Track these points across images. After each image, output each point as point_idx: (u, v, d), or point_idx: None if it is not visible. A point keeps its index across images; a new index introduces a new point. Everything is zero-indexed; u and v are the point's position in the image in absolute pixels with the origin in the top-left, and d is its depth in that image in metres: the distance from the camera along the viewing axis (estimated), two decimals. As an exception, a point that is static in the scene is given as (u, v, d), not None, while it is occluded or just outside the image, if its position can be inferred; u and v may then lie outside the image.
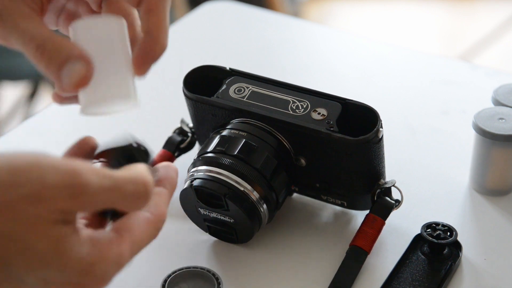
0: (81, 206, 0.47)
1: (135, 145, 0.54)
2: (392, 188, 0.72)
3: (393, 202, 0.72)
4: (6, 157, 0.45)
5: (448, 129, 0.88)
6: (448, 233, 0.70)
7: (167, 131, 0.81)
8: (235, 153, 0.69)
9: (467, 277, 0.70)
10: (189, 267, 0.69)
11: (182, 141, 0.80)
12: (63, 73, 0.53)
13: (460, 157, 0.83)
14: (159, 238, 0.74)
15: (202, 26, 1.10)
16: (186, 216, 0.73)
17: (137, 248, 0.50)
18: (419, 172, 0.82)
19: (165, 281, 0.68)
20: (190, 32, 1.08)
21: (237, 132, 0.71)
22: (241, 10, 1.12)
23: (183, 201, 0.71)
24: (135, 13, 0.59)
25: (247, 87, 0.72)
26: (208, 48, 1.05)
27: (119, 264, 0.49)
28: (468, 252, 0.72)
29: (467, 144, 0.81)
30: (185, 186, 0.70)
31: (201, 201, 0.70)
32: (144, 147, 0.55)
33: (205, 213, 0.71)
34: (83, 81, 0.53)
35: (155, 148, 0.73)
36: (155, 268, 0.71)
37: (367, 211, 0.72)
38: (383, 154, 0.70)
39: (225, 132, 0.71)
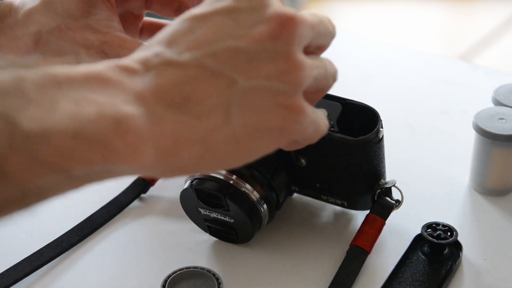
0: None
1: None
2: (392, 188, 0.72)
3: (393, 202, 0.72)
4: None
5: (448, 129, 0.88)
6: (448, 233, 0.70)
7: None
8: (235, 153, 0.69)
9: (468, 277, 0.70)
10: (189, 267, 0.69)
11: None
12: None
13: (460, 157, 0.82)
14: (159, 238, 0.74)
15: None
16: (186, 216, 0.73)
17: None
18: (419, 172, 0.82)
19: (165, 281, 0.68)
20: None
21: (237, 132, 0.70)
22: (241, 10, 1.12)
23: (183, 201, 0.71)
24: None
25: (247, 87, 0.72)
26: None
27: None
28: (468, 252, 0.72)
29: (467, 144, 0.81)
30: (185, 186, 0.70)
31: (202, 201, 0.70)
32: None
33: (205, 213, 0.71)
34: None
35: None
36: (155, 268, 0.71)
37: (367, 211, 0.72)
38: (383, 154, 0.70)
39: (225, 132, 0.71)
